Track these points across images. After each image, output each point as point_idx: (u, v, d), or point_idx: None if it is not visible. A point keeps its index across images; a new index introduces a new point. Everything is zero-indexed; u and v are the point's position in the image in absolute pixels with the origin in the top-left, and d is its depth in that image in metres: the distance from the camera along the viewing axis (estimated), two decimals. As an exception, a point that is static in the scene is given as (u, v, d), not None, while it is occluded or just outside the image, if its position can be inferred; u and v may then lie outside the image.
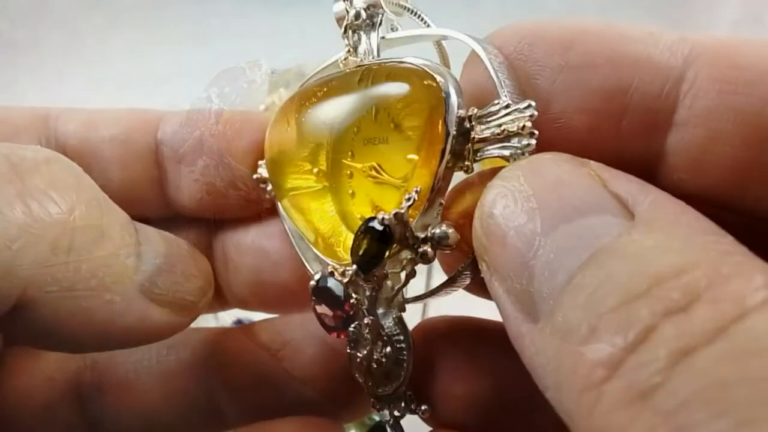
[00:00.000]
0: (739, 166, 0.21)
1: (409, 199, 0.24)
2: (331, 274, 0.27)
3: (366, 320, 0.27)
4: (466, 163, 0.24)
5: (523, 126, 0.22)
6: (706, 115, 0.21)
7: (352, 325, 0.27)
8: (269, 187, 0.31)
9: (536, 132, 0.22)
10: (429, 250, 0.24)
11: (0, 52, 0.87)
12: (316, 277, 0.28)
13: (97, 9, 0.91)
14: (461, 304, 0.31)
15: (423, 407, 0.28)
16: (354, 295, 0.27)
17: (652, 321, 0.16)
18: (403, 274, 0.26)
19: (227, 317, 0.64)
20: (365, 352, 0.27)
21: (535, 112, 0.22)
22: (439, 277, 0.28)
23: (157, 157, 0.34)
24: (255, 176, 0.32)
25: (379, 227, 0.24)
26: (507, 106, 0.23)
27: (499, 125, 0.23)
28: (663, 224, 0.18)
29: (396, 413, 0.28)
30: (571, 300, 0.18)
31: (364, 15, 0.28)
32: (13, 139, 0.32)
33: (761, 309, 0.15)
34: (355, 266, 0.25)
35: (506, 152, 0.23)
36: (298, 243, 0.31)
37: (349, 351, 0.28)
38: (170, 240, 0.29)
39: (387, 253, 0.24)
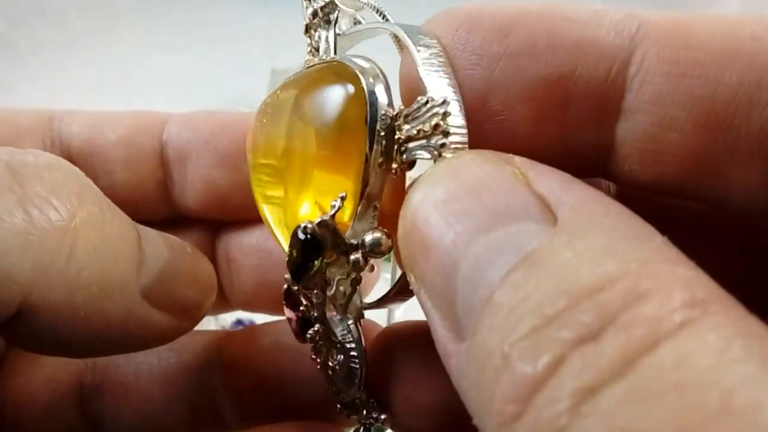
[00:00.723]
0: (692, 154, 0.19)
1: (333, 206, 0.23)
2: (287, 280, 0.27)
3: (316, 327, 0.26)
4: (393, 165, 0.22)
5: (436, 124, 0.20)
6: (655, 101, 0.19)
7: (309, 332, 0.27)
8: None
9: (450, 131, 0.20)
10: (360, 257, 0.23)
11: (-2, 53, 0.88)
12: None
13: (97, 10, 0.91)
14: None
15: (382, 415, 0.27)
16: (304, 302, 0.26)
17: (561, 350, 0.14)
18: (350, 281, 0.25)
19: (228, 318, 0.64)
20: (322, 358, 0.27)
21: (448, 109, 0.20)
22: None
23: (162, 159, 0.34)
24: None
25: (302, 236, 0.23)
26: (426, 103, 0.21)
27: (419, 123, 0.21)
28: (585, 230, 0.16)
29: (364, 420, 0.28)
30: (489, 321, 0.16)
31: (320, 13, 0.27)
32: (17, 141, 0.33)
33: (674, 336, 0.13)
34: (288, 275, 0.24)
35: (426, 153, 0.21)
36: None
37: (312, 357, 0.27)
38: (173, 243, 0.28)
39: (317, 262, 0.23)
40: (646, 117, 0.20)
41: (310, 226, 0.22)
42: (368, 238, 0.23)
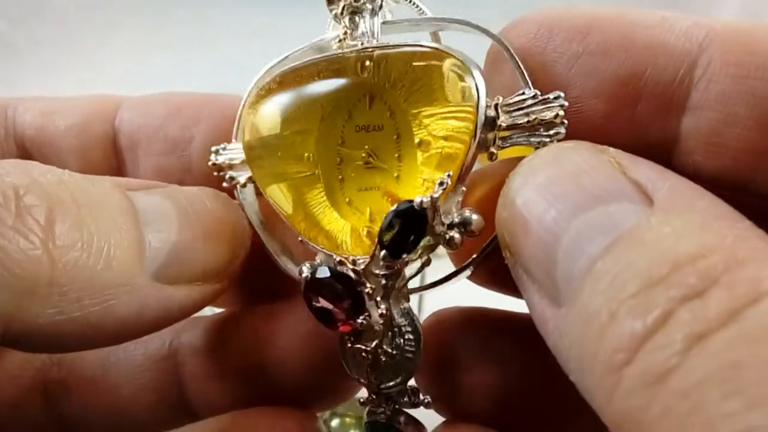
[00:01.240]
0: (753, 148, 0.22)
1: (441, 183, 0.24)
2: (341, 263, 0.26)
3: (380, 311, 0.26)
4: (491, 150, 0.24)
5: (557, 115, 0.23)
6: (719, 99, 0.22)
7: (360, 318, 0.26)
8: (228, 175, 0.30)
9: (567, 121, 0.23)
10: (456, 235, 0.24)
11: (-1, 52, 0.87)
12: (304, 270, 0.27)
13: (97, 10, 0.91)
14: (453, 295, 0.30)
15: (426, 399, 0.28)
16: (368, 285, 0.26)
17: (669, 306, 0.16)
18: (416, 263, 0.26)
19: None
20: (372, 345, 0.26)
21: (566, 103, 0.23)
22: (431, 268, 0.27)
23: (115, 146, 0.33)
24: (210, 163, 0.30)
25: (419, 211, 0.23)
26: (535, 96, 0.23)
27: (528, 114, 0.23)
28: (681, 210, 0.18)
29: (397, 406, 0.28)
30: (592, 286, 0.18)
31: None
32: None
33: None
34: (383, 251, 0.24)
35: (535, 140, 0.23)
36: (262, 232, 0.30)
37: (350, 346, 0.27)
38: (187, 202, 0.26)
39: (421, 238, 0.24)
40: (711, 113, 0.22)
41: (426, 200, 0.23)
42: (464, 216, 0.24)
